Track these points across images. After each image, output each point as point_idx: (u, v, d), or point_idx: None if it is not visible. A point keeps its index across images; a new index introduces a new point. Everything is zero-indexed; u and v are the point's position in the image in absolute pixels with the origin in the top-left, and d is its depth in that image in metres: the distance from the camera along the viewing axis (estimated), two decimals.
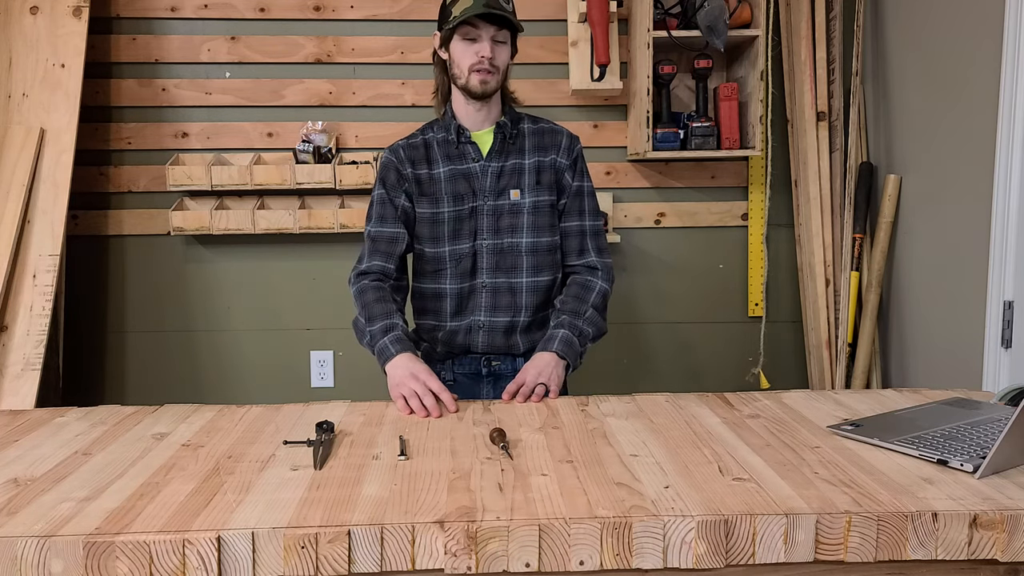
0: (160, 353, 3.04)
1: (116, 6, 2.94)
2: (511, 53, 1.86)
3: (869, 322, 2.88)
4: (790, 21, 3.01)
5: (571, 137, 1.93)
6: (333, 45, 2.99)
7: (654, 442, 1.37)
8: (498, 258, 1.86)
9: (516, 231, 1.86)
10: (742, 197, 3.11)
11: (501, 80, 1.84)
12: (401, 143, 1.92)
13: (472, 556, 1.05)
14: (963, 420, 1.43)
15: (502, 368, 1.91)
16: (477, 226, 1.86)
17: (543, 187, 1.87)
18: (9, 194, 2.66)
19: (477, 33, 1.78)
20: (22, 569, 1.01)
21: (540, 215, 1.87)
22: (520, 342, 1.89)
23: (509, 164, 1.87)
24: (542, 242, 1.87)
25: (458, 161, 1.87)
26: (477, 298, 1.87)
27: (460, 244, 1.86)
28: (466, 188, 1.86)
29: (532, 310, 1.88)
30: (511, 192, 1.86)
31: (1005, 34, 2.20)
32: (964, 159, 2.43)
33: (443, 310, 1.89)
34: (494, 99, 1.87)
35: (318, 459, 1.28)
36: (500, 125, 1.87)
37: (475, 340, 1.89)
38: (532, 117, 1.95)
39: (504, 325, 1.88)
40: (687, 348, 3.15)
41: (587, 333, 1.82)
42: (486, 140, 1.88)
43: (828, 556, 1.08)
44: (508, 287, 1.87)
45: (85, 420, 1.52)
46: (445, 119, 1.90)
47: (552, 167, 1.89)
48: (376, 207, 1.89)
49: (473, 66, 1.79)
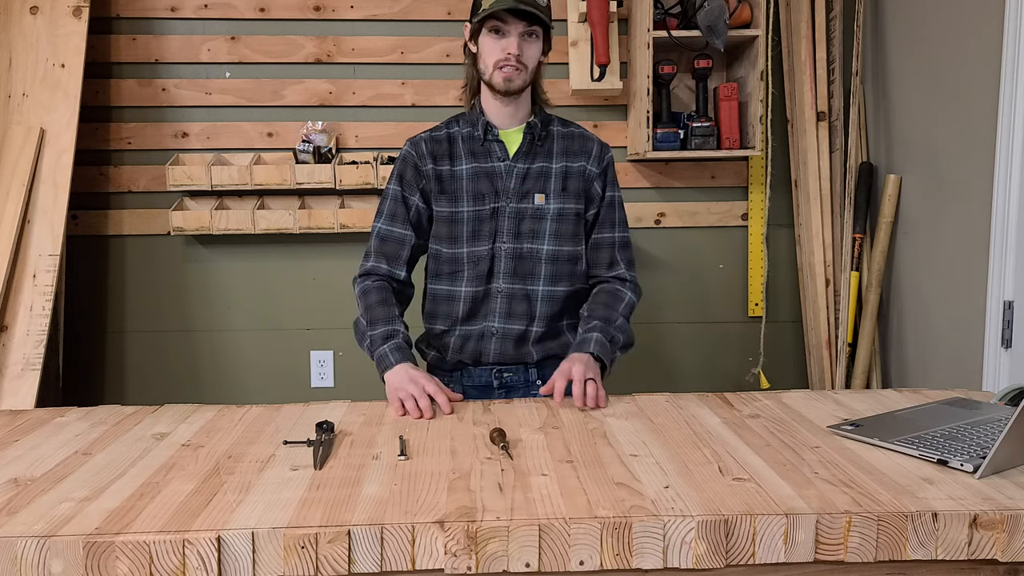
0: (160, 353, 3.04)
1: (116, 6, 2.94)
2: (544, 50, 1.78)
3: (869, 322, 2.88)
4: (790, 21, 3.01)
5: (602, 145, 1.87)
6: (333, 45, 2.99)
7: (654, 442, 1.37)
8: (516, 263, 1.80)
9: (537, 237, 1.80)
10: (742, 197, 3.11)
11: (529, 78, 1.76)
12: (424, 135, 1.85)
13: (472, 556, 1.05)
14: (963, 420, 1.43)
15: (514, 380, 1.85)
16: (497, 228, 1.80)
17: (569, 194, 1.81)
18: (9, 194, 2.66)
19: (505, 28, 1.71)
20: (22, 569, 1.01)
21: (564, 223, 1.81)
22: (533, 352, 1.83)
23: (536, 167, 1.81)
24: (563, 251, 1.81)
25: (483, 159, 1.81)
26: (492, 303, 1.81)
27: (479, 246, 1.80)
28: (488, 188, 1.80)
29: (547, 320, 1.82)
30: (536, 196, 1.80)
31: (1005, 34, 2.20)
32: (964, 159, 2.43)
33: (456, 314, 1.82)
34: (523, 97, 1.80)
35: (318, 459, 1.28)
36: (530, 125, 1.81)
37: (487, 348, 1.82)
38: (563, 120, 1.89)
39: (518, 333, 1.81)
40: (687, 348, 3.15)
41: (618, 340, 1.75)
42: (513, 139, 1.82)
43: (828, 556, 1.08)
44: (524, 294, 1.81)
45: (85, 420, 1.52)
46: (473, 114, 1.83)
47: (581, 174, 1.83)
48: (388, 203, 1.84)
49: (498, 62, 1.72)
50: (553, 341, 1.84)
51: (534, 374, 1.85)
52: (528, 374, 1.85)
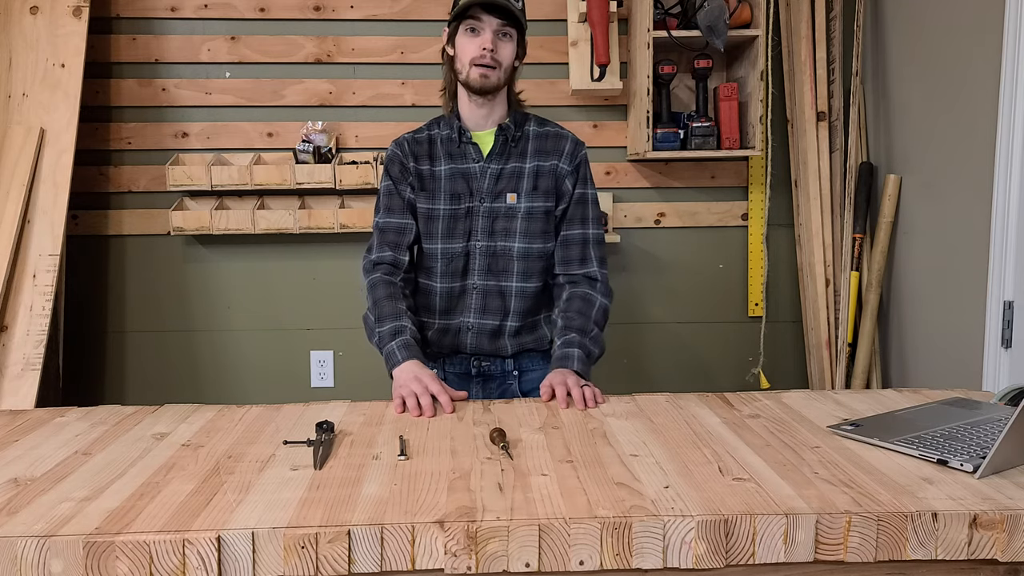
0: (160, 353, 3.04)
1: (116, 6, 2.94)
2: (518, 53, 1.83)
3: (869, 322, 2.88)
4: (790, 21, 3.01)
5: (576, 142, 1.89)
6: (333, 45, 2.99)
7: (654, 442, 1.37)
8: (490, 260, 1.86)
9: (509, 235, 1.85)
10: (742, 197, 3.11)
11: (504, 78, 1.81)
12: (406, 137, 1.91)
13: (472, 556, 1.05)
14: (963, 420, 1.43)
15: (491, 368, 1.92)
16: (472, 227, 1.86)
17: (539, 193, 1.85)
18: (9, 194, 2.66)
19: (480, 25, 1.75)
20: (22, 569, 1.01)
21: (534, 221, 1.85)
22: (508, 345, 1.89)
23: (509, 167, 1.86)
24: (533, 248, 1.86)
25: (459, 160, 1.86)
26: (467, 299, 1.88)
27: (453, 243, 1.86)
28: (464, 188, 1.85)
29: (520, 315, 1.88)
30: (508, 196, 1.85)
31: (1005, 34, 2.20)
32: (964, 159, 2.43)
33: (433, 307, 1.89)
34: (499, 99, 1.85)
35: (318, 459, 1.28)
36: (502, 127, 1.85)
37: (464, 341, 1.89)
38: (540, 119, 1.92)
39: (492, 328, 1.88)
40: (687, 348, 3.15)
41: (594, 353, 1.79)
42: (487, 141, 1.86)
43: (828, 556, 1.08)
44: (498, 290, 1.87)
45: (85, 420, 1.52)
46: (451, 117, 1.88)
47: (552, 172, 1.86)
48: (383, 198, 1.89)
49: (475, 59, 1.76)
50: (528, 335, 1.91)
51: (511, 364, 1.92)
52: (505, 364, 1.92)
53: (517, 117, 1.88)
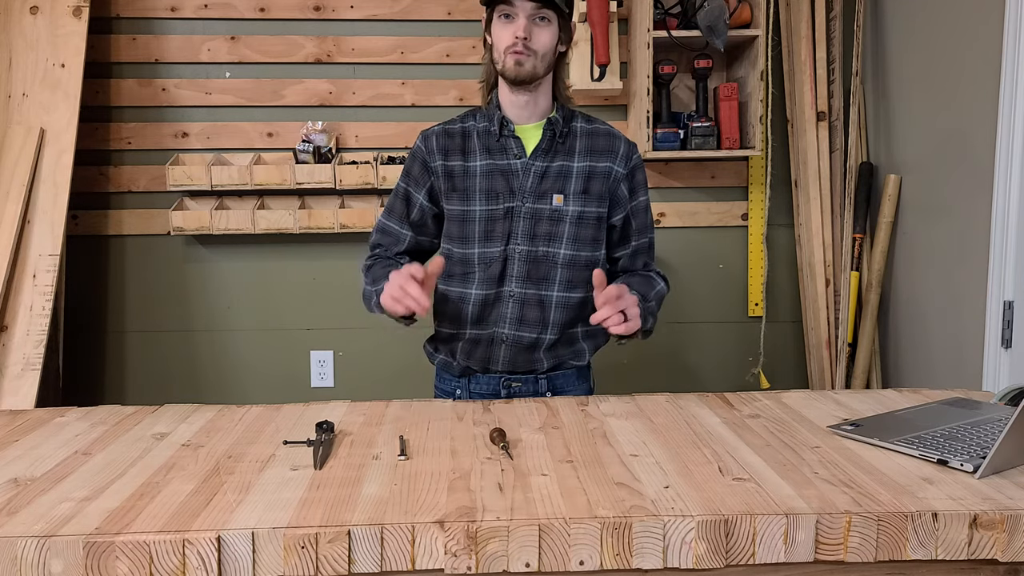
0: (160, 353, 3.04)
1: (116, 6, 2.94)
2: (561, 39, 1.69)
3: (869, 322, 2.88)
4: (790, 21, 3.01)
5: (629, 144, 1.77)
6: (333, 45, 2.99)
7: (654, 442, 1.37)
8: (530, 267, 1.71)
9: (554, 240, 1.70)
10: (742, 197, 3.11)
11: (541, 66, 1.67)
12: (437, 129, 1.77)
13: (472, 556, 1.05)
14: (963, 420, 1.42)
15: (522, 389, 1.77)
16: (511, 229, 1.70)
17: (592, 196, 1.71)
18: (9, 194, 2.66)
19: (513, 10, 1.63)
20: (22, 569, 1.01)
21: (584, 227, 1.71)
22: (544, 359, 1.75)
23: (555, 165, 1.71)
24: (581, 256, 1.72)
25: (498, 156, 1.72)
26: (502, 308, 1.72)
27: (491, 247, 1.71)
28: (503, 186, 1.71)
29: (560, 327, 1.73)
30: (553, 197, 1.70)
31: (1005, 34, 2.20)
32: (964, 159, 2.43)
33: (464, 316, 1.73)
34: (542, 91, 1.71)
35: (318, 459, 1.28)
36: (551, 121, 1.71)
37: (496, 355, 1.74)
38: (587, 116, 1.79)
39: (529, 341, 1.72)
40: (687, 348, 3.15)
41: (648, 320, 1.67)
42: (531, 136, 1.72)
43: (828, 556, 1.08)
44: (538, 300, 1.71)
45: (85, 420, 1.52)
46: (490, 109, 1.74)
47: (606, 175, 1.73)
48: (392, 198, 1.80)
49: (509, 47, 1.64)
50: (566, 349, 1.77)
51: (544, 384, 1.78)
52: (538, 384, 1.78)
53: (564, 111, 1.75)
